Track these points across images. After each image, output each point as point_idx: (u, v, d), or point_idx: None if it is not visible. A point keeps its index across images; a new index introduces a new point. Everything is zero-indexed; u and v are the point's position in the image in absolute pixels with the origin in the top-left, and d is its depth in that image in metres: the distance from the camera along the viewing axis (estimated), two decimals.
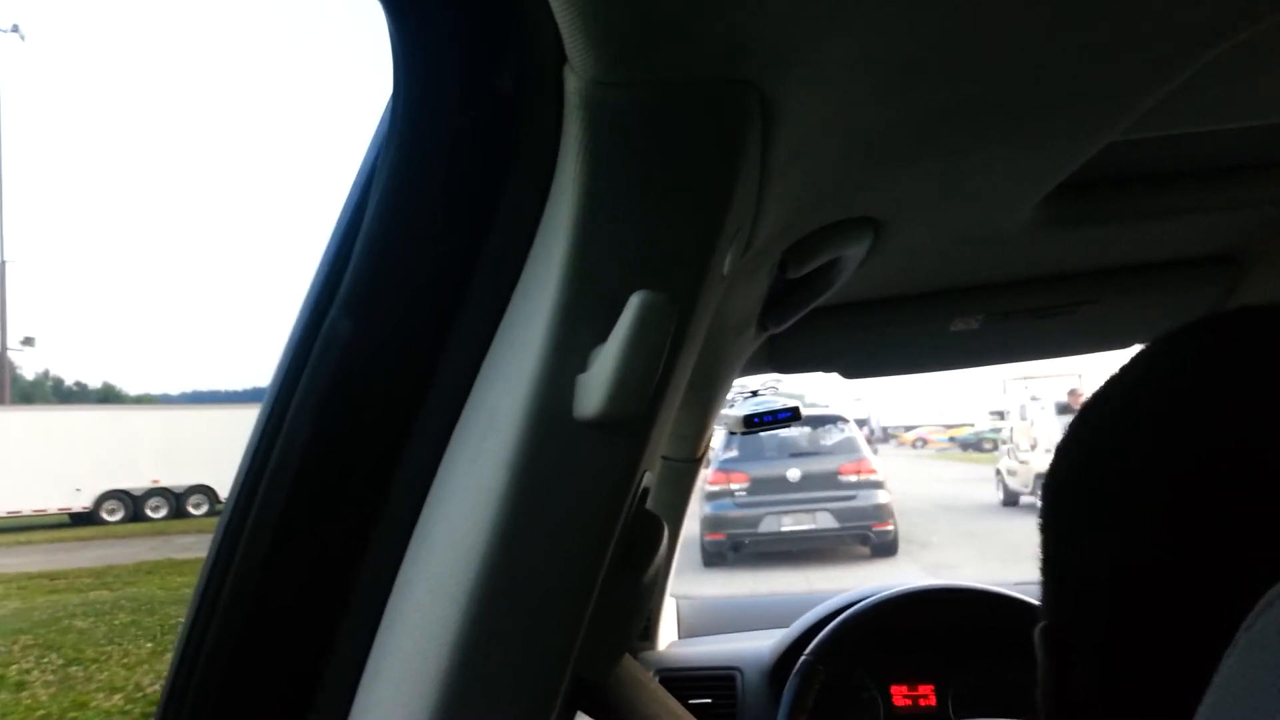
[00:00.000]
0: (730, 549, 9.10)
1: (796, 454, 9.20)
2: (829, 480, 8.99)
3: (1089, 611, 0.41)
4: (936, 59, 0.48)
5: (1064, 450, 0.46)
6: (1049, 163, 0.70)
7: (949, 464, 25.84)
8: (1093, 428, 0.44)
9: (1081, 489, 0.43)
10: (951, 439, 35.28)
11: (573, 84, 0.42)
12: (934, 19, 0.44)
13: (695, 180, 0.45)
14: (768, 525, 8.92)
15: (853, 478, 9.01)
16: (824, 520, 8.91)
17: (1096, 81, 0.55)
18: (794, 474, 9.02)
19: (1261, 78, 0.63)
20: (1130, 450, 0.40)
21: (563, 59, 0.42)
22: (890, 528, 9.04)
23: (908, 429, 41.23)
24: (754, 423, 1.35)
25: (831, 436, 9.34)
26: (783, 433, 8.82)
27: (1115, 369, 0.45)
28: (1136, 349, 0.46)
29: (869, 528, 9.00)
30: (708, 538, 9.09)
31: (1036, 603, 0.46)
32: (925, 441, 37.08)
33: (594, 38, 0.38)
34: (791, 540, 9.05)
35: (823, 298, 0.96)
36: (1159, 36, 0.50)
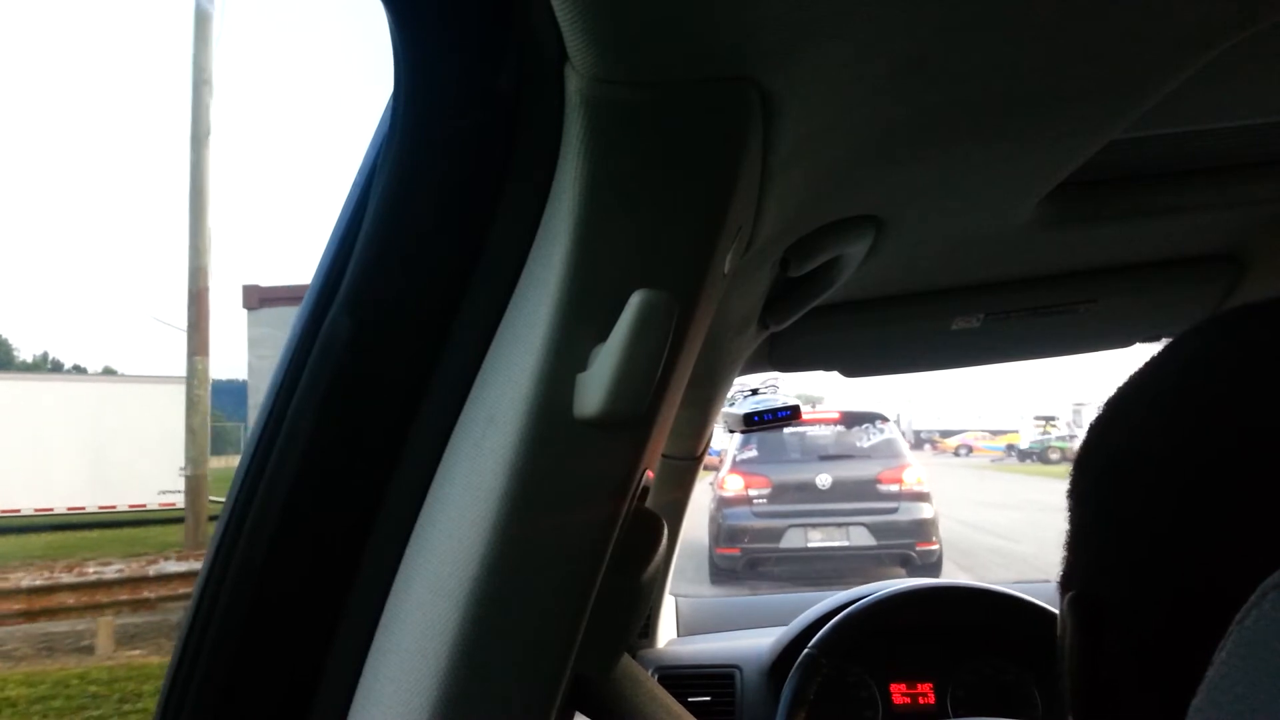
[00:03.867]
0: (746, 566, 7.58)
1: (826, 457, 7.75)
2: (866, 489, 7.51)
3: (1130, 586, 0.41)
4: (937, 58, 0.48)
5: (1105, 427, 0.45)
6: (1050, 161, 0.70)
7: (1015, 477, 21.15)
8: (1146, 402, 0.44)
9: (1130, 465, 0.42)
10: (1009, 446, 31.53)
11: (574, 83, 0.42)
12: (934, 18, 0.44)
13: (697, 178, 0.45)
14: (792, 540, 7.42)
15: (894, 487, 7.50)
16: (859, 536, 7.37)
17: (1097, 81, 0.55)
18: (824, 480, 7.57)
19: (1261, 78, 0.63)
20: (1182, 429, 0.40)
21: (564, 58, 0.42)
22: (935, 547, 7.43)
23: (944, 434, 38.26)
24: (754, 421, 1.35)
25: (869, 438, 7.86)
26: (811, 432, 7.92)
27: (1156, 352, 0.45)
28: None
29: (912, 546, 7.36)
30: (719, 552, 7.66)
31: (1036, 602, 0.46)
32: (970, 449, 33.94)
33: (595, 36, 0.38)
34: (820, 559, 7.49)
35: (824, 296, 0.96)
36: (1159, 36, 0.50)
